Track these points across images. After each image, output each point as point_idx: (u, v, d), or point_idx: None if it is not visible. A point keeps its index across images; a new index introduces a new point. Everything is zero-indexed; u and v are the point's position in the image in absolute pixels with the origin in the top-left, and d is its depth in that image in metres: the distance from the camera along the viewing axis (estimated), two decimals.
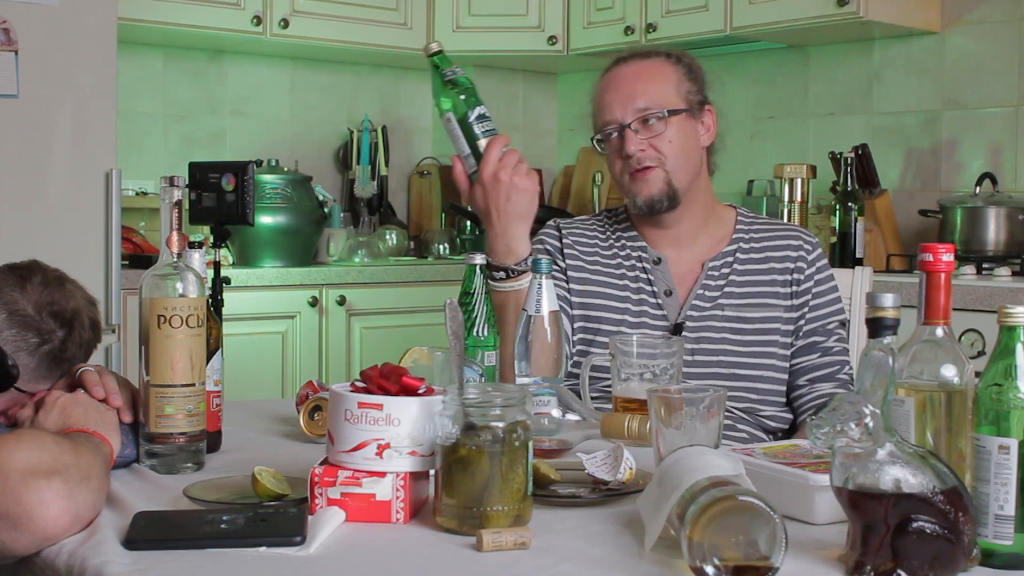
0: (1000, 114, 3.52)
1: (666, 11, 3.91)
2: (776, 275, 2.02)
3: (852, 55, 3.85)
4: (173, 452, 1.48)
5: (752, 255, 2.04)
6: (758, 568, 1.04)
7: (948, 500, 1.07)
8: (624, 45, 4.05)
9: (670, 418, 1.29)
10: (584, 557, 1.14)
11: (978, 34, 3.56)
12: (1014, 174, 3.49)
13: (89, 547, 1.15)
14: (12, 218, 2.93)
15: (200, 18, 3.74)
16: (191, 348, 1.48)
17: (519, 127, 4.72)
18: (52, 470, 1.17)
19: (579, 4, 4.20)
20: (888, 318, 1.16)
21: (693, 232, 2.05)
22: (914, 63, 3.71)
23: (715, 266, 2.03)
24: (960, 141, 3.61)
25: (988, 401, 1.12)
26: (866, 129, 3.81)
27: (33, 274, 1.56)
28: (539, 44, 4.26)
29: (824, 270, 2.06)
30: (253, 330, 3.48)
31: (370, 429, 1.25)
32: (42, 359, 1.54)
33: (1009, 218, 3.31)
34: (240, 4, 3.81)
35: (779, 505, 1.06)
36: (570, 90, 4.77)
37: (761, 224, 2.10)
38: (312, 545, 1.15)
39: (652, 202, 1.98)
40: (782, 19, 3.60)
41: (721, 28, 3.74)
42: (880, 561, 1.07)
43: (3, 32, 2.89)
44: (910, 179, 3.73)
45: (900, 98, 3.75)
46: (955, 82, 3.61)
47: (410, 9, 4.19)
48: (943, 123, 3.65)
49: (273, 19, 3.87)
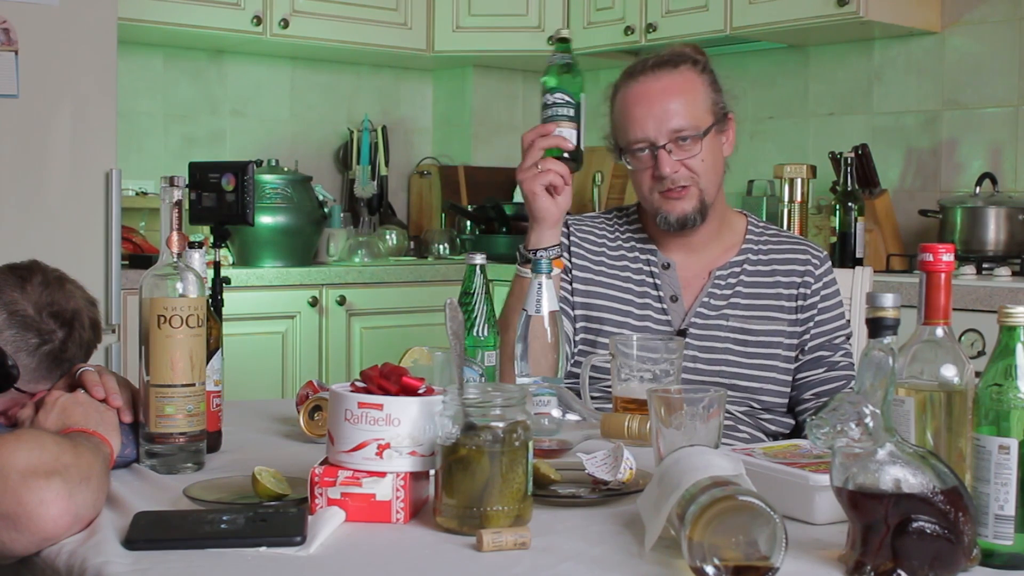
0: (1000, 114, 3.52)
1: (666, 11, 3.90)
2: (782, 288, 2.02)
3: (852, 55, 3.85)
4: (173, 452, 1.48)
5: (760, 267, 2.03)
6: (758, 568, 1.04)
7: (948, 500, 1.07)
8: (624, 45, 4.06)
9: (670, 418, 1.29)
10: (584, 557, 1.14)
11: (978, 34, 3.56)
12: (1014, 174, 3.49)
13: (89, 547, 1.15)
14: (12, 218, 2.93)
15: (200, 18, 3.74)
16: (191, 348, 1.48)
17: (519, 127, 4.71)
18: (52, 470, 1.17)
19: (579, 4, 4.20)
20: (888, 318, 1.16)
21: (706, 239, 2.04)
22: (914, 63, 3.71)
23: (722, 275, 2.02)
24: (960, 141, 3.61)
25: (988, 401, 1.12)
26: (866, 129, 3.81)
27: (33, 274, 1.56)
28: (538, 44, 4.26)
29: (831, 285, 2.05)
30: (253, 330, 3.48)
31: (370, 429, 1.25)
32: (42, 359, 1.54)
33: (1009, 218, 3.31)
34: (240, 4, 3.81)
35: (779, 505, 1.06)
36: None
37: (770, 235, 2.09)
38: (312, 545, 1.15)
39: (685, 220, 1.97)
40: (782, 19, 3.60)
41: (721, 28, 3.74)
42: (880, 561, 1.07)
43: (3, 32, 2.89)
44: (910, 179, 3.73)
45: (900, 98, 3.75)
46: (955, 82, 3.61)
47: (410, 9, 4.19)
48: (943, 123, 3.65)
49: (273, 19, 3.88)
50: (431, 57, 4.31)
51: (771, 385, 1.99)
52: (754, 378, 1.98)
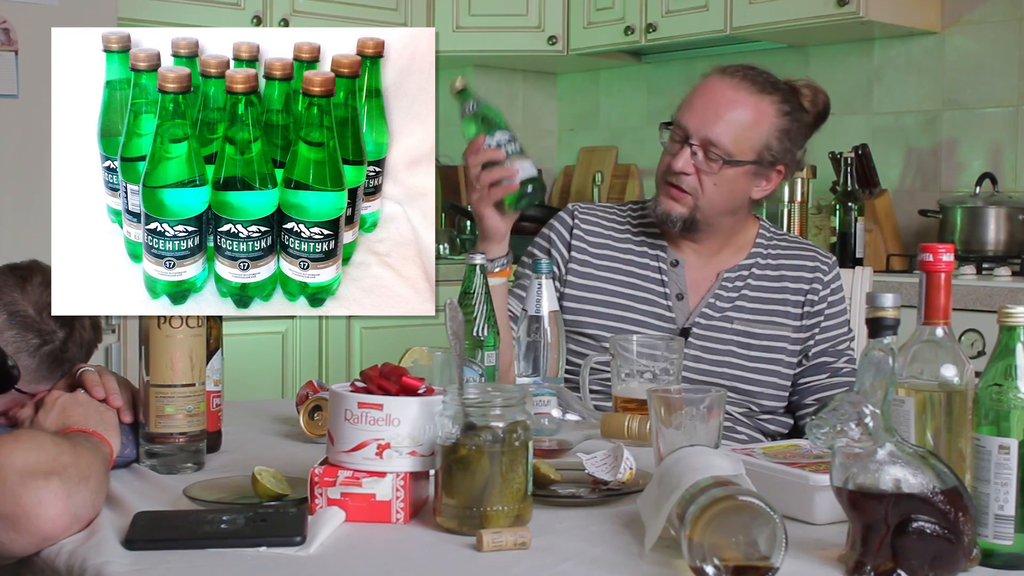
0: (1000, 114, 3.52)
1: (666, 11, 3.91)
2: (789, 295, 2.02)
3: (852, 55, 3.85)
4: (173, 452, 1.48)
5: (768, 271, 2.03)
6: (758, 568, 1.04)
7: (948, 500, 1.07)
8: (624, 45, 4.07)
9: (670, 418, 1.29)
10: (584, 557, 1.14)
11: (978, 34, 3.56)
12: (1014, 174, 3.49)
13: (89, 547, 1.15)
14: (12, 218, 2.93)
15: (200, 18, 3.74)
16: (191, 348, 1.48)
17: (519, 127, 4.70)
18: (50, 470, 1.17)
19: (579, 4, 4.20)
20: (888, 318, 1.16)
21: (714, 247, 2.04)
22: (914, 63, 3.71)
23: (730, 277, 2.02)
24: (960, 141, 3.61)
25: (988, 401, 1.12)
26: (866, 129, 3.81)
27: (33, 274, 1.56)
28: (539, 44, 4.26)
29: (839, 292, 2.05)
30: (253, 330, 3.48)
31: (370, 429, 1.25)
32: (43, 360, 1.53)
33: (1009, 218, 3.31)
34: (240, 4, 3.81)
35: (779, 505, 1.06)
36: (570, 90, 4.77)
37: (780, 240, 2.08)
38: (312, 545, 1.15)
39: (667, 218, 1.97)
40: (782, 19, 3.60)
41: (721, 28, 3.74)
42: (880, 561, 1.07)
43: (3, 32, 2.89)
44: (910, 179, 3.73)
45: (900, 98, 3.75)
46: (955, 82, 3.61)
47: (410, 9, 4.19)
48: (943, 123, 3.65)
49: (273, 19, 3.88)
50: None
51: (772, 389, 1.99)
52: (755, 382, 1.97)
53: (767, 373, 1.98)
